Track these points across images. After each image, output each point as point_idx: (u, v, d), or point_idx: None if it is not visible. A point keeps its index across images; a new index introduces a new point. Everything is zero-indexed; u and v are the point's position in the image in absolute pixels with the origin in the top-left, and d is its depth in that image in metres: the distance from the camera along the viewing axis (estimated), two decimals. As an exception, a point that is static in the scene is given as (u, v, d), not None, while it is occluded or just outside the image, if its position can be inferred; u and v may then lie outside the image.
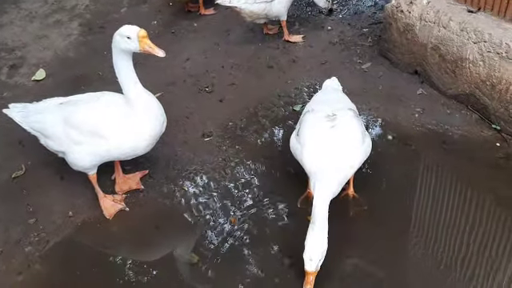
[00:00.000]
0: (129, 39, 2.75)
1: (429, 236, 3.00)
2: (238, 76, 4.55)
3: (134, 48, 2.77)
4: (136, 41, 2.74)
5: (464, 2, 3.75)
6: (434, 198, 3.21)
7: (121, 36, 2.77)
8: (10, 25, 5.59)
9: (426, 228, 3.05)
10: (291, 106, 4.12)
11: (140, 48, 2.76)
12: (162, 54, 2.77)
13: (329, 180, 2.69)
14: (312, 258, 2.51)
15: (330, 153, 2.76)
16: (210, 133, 3.89)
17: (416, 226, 3.07)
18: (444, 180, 3.32)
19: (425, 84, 4.12)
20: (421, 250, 2.92)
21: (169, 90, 4.41)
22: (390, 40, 4.30)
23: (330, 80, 3.53)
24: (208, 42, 5.05)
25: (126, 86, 2.93)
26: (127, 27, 2.79)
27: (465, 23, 3.60)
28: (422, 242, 2.97)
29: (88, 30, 5.39)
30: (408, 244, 2.98)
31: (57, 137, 3.00)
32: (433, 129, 3.73)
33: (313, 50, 4.79)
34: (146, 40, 2.75)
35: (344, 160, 2.76)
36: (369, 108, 3.97)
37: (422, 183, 3.31)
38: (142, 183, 3.45)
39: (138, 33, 2.73)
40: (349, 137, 2.82)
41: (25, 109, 3.17)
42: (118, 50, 2.83)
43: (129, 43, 2.76)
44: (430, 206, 3.17)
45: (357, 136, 2.84)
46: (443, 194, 3.23)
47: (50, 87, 4.52)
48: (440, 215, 3.11)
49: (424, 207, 3.17)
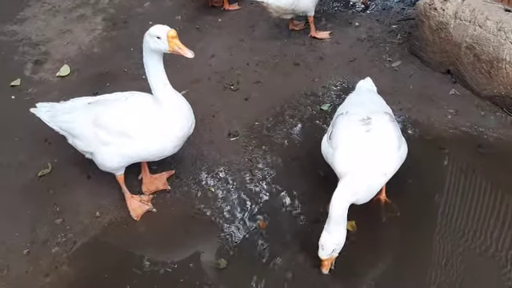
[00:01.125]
0: (159, 39, 2.70)
1: (463, 243, 2.91)
2: (263, 73, 4.47)
3: (164, 48, 2.72)
4: (166, 41, 2.69)
5: (501, 1, 3.61)
6: (469, 203, 3.11)
7: (151, 36, 2.72)
8: (34, 19, 5.58)
9: (461, 235, 2.95)
10: (318, 105, 4.03)
11: (169, 48, 2.71)
12: (190, 54, 2.72)
13: (356, 183, 2.61)
14: (324, 248, 2.59)
15: (363, 158, 2.67)
16: (235, 132, 3.83)
17: (450, 233, 2.97)
18: (479, 185, 3.21)
19: (458, 84, 3.99)
20: (455, 258, 2.82)
21: (194, 87, 4.35)
22: (421, 38, 4.17)
23: (364, 80, 3.43)
24: (233, 38, 4.97)
25: (155, 86, 2.88)
26: (157, 27, 2.73)
27: (502, 23, 3.46)
28: (456, 249, 2.88)
29: (112, 25, 5.35)
30: (442, 251, 2.89)
31: (85, 137, 2.97)
32: (467, 131, 3.61)
33: (340, 47, 4.68)
34: (175, 40, 2.70)
35: (377, 167, 2.67)
36: (400, 108, 3.85)
37: (457, 188, 3.21)
38: (169, 183, 3.41)
39: (168, 33, 2.68)
40: (384, 142, 2.72)
41: (52, 108, 3.14)
42: (148, 50, 2.78)
43: (159, 43, 2.71)
44: (465, 212, 3.07)
45: (393, 142, 2.74)
46: (478, 200, 3.13)
47: (74, 83, 4.49)
48: (475, 222, 3.01)
49: (458, 213, 3.07)
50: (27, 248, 3.04)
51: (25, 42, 5.13)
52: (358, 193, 2.62)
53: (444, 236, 2.96)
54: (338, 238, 2.58)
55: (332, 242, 2.57)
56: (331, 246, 2.58)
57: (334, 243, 2.58)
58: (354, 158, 2.70)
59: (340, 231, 2.58)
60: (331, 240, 2.57)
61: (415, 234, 2.97)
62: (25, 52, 4.99)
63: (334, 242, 2.58)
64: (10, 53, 4.97)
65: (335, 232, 2.57)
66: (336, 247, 2.61)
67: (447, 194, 3.18)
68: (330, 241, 2.57)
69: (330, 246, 2.58)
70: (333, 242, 2.58)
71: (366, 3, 5.12)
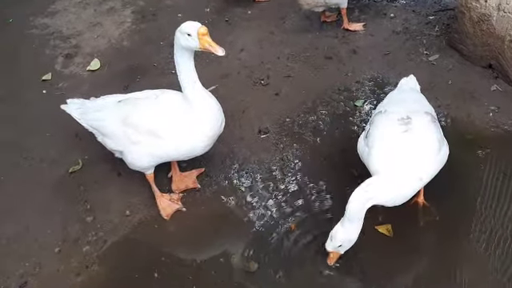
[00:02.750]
0: (189, 36, 2.62)
1: (505, 249, 2.76)
2: (294, 68, 4.35)
3: (194, 46, 2.65)
4: (196, 38, 2.61)
5: (551, -10, 3.39)
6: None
7: (181, 33, 2.65)
8: (64, 12, 5.58)
9: (503, 241, 2.81)
10: (352, 101, 3.90)
11: (200, 46, 2.63)
12: (221, 52, 2.63)
13: (377, 187, 2.50)
14: (332, 239, 2.56)
15: (398, 160, 2.55)
16: (266, 129, 3.75)
17: (491, 238, 2.83)
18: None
19: (500, 79, 3.80)
20: (496, 265, 2.69)
21: (223, 82, 4.28)
22: (461, 31, 3.98)
23: (407, 78, 3.27)
24: (263, 31, 4.86)
25: (185, 85, 2.82)
26: (188, 24, 2.66)
27: (552, 14, 3.25)
28: (498, 255, 2.74)
29: (141, 18, 5.30)
30: (482, 258, 2.76)
31: (115, 136, 2.94)
32: (509, 130, 3.44)
33: (374, 40, 4.51)
34: (206, 38, 2.62)
35: (412, 170, 2.54)
36: (438, 105, 3.69)
37: (499, 191, 3.05)
38: (199, 182, 3.36)
39: (199, 30, 2.60)
40: (423, 144, 2.59)
41: (83, 105, 3.12)
42: (179, 47, 2.72)
43: (189, 40, 2.63)
44: (508, 216, 2.91)
45: (433, 144, 2.60)
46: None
47: (105, 77, 4.48)
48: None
49: (500, 218, 2.91)
50: (59, 246, 3.05)
51: (56, 36, 5.14)
52: (377, 197, 2.51)
53: (485, 242, 2.82)
54: (348, 235, 2.55)
55: (342, 236, 2.54)
56: (339, 241, 2.55)
57: (343, 239, 2.55)
58: (388, 159, 2.58)
59: (352, 229, 2.53)
60: (341, 234, 2.54)
61: (454, 240, 2.85)
62: (56, 45, 5.00)
63: (344, 238, 2.54)
64: (42, 46, 4.98)
65: (348, 228, 2.53)
66: (344, 244, 2.57)
67: (489, 198, 3.03)
68: (340, 234, 2.54)
69: (338, 240, 2.55)
70: (342, 237, 2.54)
71: None
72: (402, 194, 2.56)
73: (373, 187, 2.46)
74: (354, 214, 2.46)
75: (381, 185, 2.48)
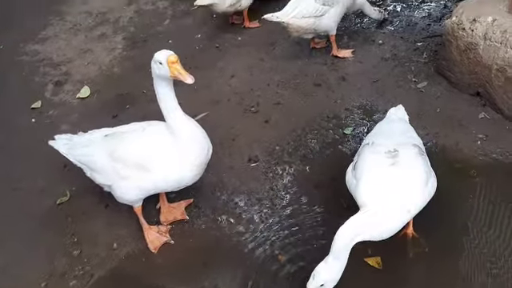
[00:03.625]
0: (161, 65, 2.62)
1: (496, 280, 2.75)
2: (284, 95, 4.37)
3: (166, 74, 2.63)
4: (166, 66, 2.60)
5: (535, 21, 3.44)
6: (503, 238, 2.94)
7: (154, 62, 2.65)
8: (55, 38, 5.61)
9: (493, 272, 2.79)
10: (341, 128, 3.91)
11: (171, 74, 2.62)
12: (190, 80, 2.61)
13: (365, 222, 2.48)
14: (315, 278, 2.45)
15: (385, 193, 2.54)
16: (256, 157, 3.74)
17: (481, 269, 2.81)
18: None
19: (487, 107, 3.82)
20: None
21: (214, 109, 4.28)
22: (448, 58, 4.02)
23: (396, 108, 3.28)
24: (253, 57, 4.89)
25: (166, 113, 2.81)
26: (159, 53, 2.66)
27: (537, 45, 3.29)
28: (488, 286, 2.72)
29: (132, 44, 5.33)
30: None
31: (103, 170, 2.93)
32: (498, 158, 3.44)
33: (363, 66, 4.55)
34: (175, 65, 2.60)
35: (400, 203, 2.54)
36: (426, 133, 3.71)
37: (489, 222, 3.04)
38: (187, 213, 3.34)
39: (168, 58, 2.59)
40: (410, 177, 2.58)
41: (70, 141, 3.10)
42: (155, 76, 2.72)
43: (160, 69, 2.63)
44: (499, 247, 2.90)
45: (420, 177, 2.60)
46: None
47: (94, 105, 4.48)
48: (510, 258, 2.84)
49: (492, 249, 2.90)
50: (45, 281, 3.01)
51: (46, 63, 5.15)
52: (365, 233, 2.49)
53: (475, 273, 2.80)
54: (332, 274, 2.44)
55: (325, 274, 2.43)
56: (322, 279, 2.43)
57: (327, 278, 2.43)
58: (375, 192, 2.57)
59: (337, 267, 2.44)
60: (325, 273, 2.43)
61: (444, 272, 2.82)
62: (46, 73, 5.00)
63: (327, 277, 2.43)
64: (32, 73, 4.99)
65: (332, 266, 2.44)
66: (327, 283, 2.45)
67: (478, 228, 3.01)
68: (324, 273, 2.43)
69: (321, 279, 2.43)
70: (326, 276, 2.43)
71: (385, 17, 4.96)
72: (389, 228, 2.55)
73: (360, 223, 2.44)
74: (340, 250, 2.42)
75: (368, 221, 2.46)
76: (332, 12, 4.39)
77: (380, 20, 4.97)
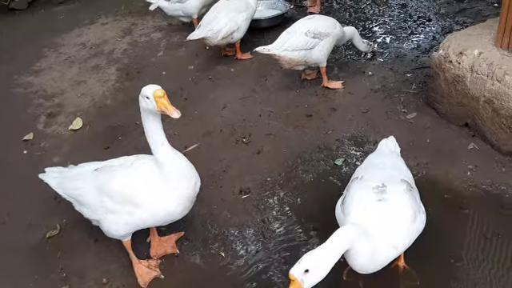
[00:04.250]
0: (148, 99, 2.63)
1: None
2: (275, 125, 4.40)
3: (153, 108, 2.64)
4: (153, 100, 2.61)
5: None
6: (495, 271, 2.93)
7: (142, 96, 2.67)
8: (49, 70, 5.67)
9: (486, 306, 2.77)
10: (332, 159, 3.92)
11: (157, 108, 2.63)
12: (176, 115, 2.62)
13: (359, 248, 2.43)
14: (301, 262, 2.30)
15: (374, 228, 2.52)
16: (247, 189, 3.74)
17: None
18: (505, 251, 3.03)
19: (476, 138, 3.86)
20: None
21: (205, 140, 4.31)
22: (437, 90, 4.08)
23: (387, 140, 3.27)
24: (245, 89, 4.94)
25: (153, 147, 2.82)
26: (146, 87, 2.68)
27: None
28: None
29: (125, 76, 5.39)
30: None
31: (91, 205, 2.92)
32: (488, 189, 3.46)
33: (353, 98, 4.60)
34: (162, 100, 2.61)
35: (386, 239, 2.52)
36: (417, 163, 3.73)
37: (481, 254, 3.03)
38: (178, 246, 3.30)
39: (155, 92, 2.61)
40: (397, 214, 2.57)
41: (60, 174, 3.10)
42: (142, 110, 2.74)
43: (148, 103, 2.65)
44: (491, 280, 2.88)
45: (406, 214, 2.58)
46: (504, 267, 2.94)
47: (86, 137, 4.49)
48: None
49: (483, 281, 2.88)
50: (32, 318, 2.96)
51: (39, 94, 5.19)
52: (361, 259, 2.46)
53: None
54: (319, 261, 2.31)
55: (313, 261, 2.30)
56: (309, 264, 2.29)
57: (313, 264, 2.29)
58: (361, 228, 2.55)
59: (325, 257, 2.33)
60: (313, 259, 2.30)
61: (436, 306, 2.80)
62: (39, 104, 5.03)
63: (314, 264, 2.29)
64: (25, 105, 5.02)
65: (322, 254, 2.33)
66: (312, 271, 2.28)
67: (470, 260, 3.00)
68: (312, 259, 2.30)
69: (308, 263, 2.29)
70: (313, 262, 2.29)
71: (374, 52, 5.06)
72: (375, 263, 2.52)
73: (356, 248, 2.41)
74: (336, 244, 2.36)
75: (361, 247, 2.43)
76: (322, 45, 4.47)
77: (367, 52, 5.04)
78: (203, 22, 5.05)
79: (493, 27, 3.81)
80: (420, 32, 5.41)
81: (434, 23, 5.52)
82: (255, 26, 5.67)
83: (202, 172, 3.24)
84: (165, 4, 5.67)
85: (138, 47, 5.92)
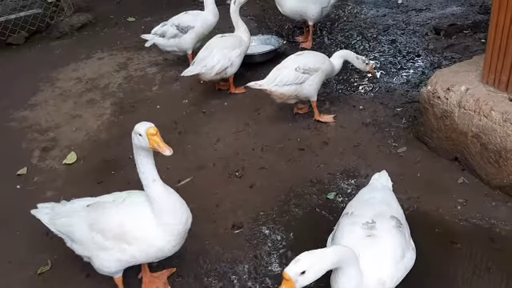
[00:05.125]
0: (140, 136, 2.67)
1: None
2: (268, 159, 4.45)
3: (145, 145, 2.68)
4: (146, 138, 2.65)
5: (505, 90, 3.61)
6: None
7: (134, 133, 2.71)
8: (44, 104, 5.72)
9: None
10: (324, 193, 3.95)
11: (149, 146, 2.67)
12: (168, 152, 2.64)
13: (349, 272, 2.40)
14: (298, 261, 2.25)
15: (362, 263, 2.53)
16: (240, 224, 3.74)
17: None
18: (497, 286, 3.04)
19: (466, 172, 3.91)
20: None
21: (199, 174, 4.33)
22: (426, 124, 4.16)
23: (379, 174, 3.32)
24: (238, 122, 5.01)
25: (145, 183, 2.84)
26: (139, 125, 2.71)
27: (507, 113, 3.43)
28: None
29: (120, 110, 5.45)
30: None
31: (83, 241, 2.92)
32: (478, 223, 3.49)
33: (345, 131, 4.67)
34: (154, 138, 2.64)
35: (374, 276, 2.52)
36: (408, 197, 3.76)
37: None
38: (170, 282, 3.29)
39: (147, 130, 2.65)
40: (385, 251, 2.59)
41: (52, 210, 3.11)
42: (135, 147, 2.77)
43: (140, 140, 2.68)
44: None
45: (394, 251, 2.60)
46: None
47: (80, 172, 4.50)
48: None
49: (474, 318, 2.89)
50: None
51: (34, 129, 5.22)
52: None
53: None
54: (317, 263, 2.26)
55: (311, 261, 2.25)
56: (306, 265, 2.23)
57: (310, 265, 2.24)
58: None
59: (324, 261, 2.29)
60: (311, 259, 2.25)
61: None
62: (33, 139, 5.06)
63: (311, 262, 2.25)
64: (19, 140, 5.04)
65: (321, 257, 2.29)
66: (309, 271, 2.24)
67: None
68: (310, 259, 2.25)
69: (305, 263, 2.23)
70: (310, 263, 2.25)
71: (373, 74, 5.08)
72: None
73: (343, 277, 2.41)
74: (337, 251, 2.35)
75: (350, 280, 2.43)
76: (312, 79, 4.57)
77: (366, 71, 4.97)
78: (197, 59, 5.16)
79: (479, 64, 3.91)
80: (409, 67, 5.54)
81: (422, 58, 5.65)
82: (249, 61, 5.79)
83: (195, 206, 3.26)
84: (160, 40, 5.79)
85: (133, 81, 6.01)
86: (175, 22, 5.72)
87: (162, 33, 5.76)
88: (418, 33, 6.24)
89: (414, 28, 6.38)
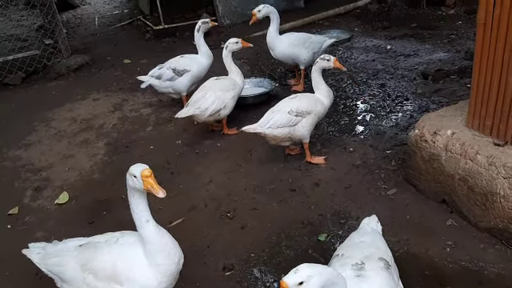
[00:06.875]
0: (135, 178, 2.73)
1: None
2: (260, 200, 4.48)
3: (139, 186, 2.74)
4: (140, 180, 2.71)
5: (490, 135, 3.72)
6: None
7: (129, 174, 2.76)
8: (38, 144, 5.77)
9: None
10: (316, 235, 3.98)
11: (144, 187, 2.72)
12: (161, 194, 2.71)
13: None
14: (297, 272, 2.27)
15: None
16: (231, 266, 3.75)
17: None
18: (485, 329, 3.05)
19: (454, 214, 3.97)
20: None
21: (190, 215, 4.36)
22: (414, 167, 4.24)
23: (369, 218, 3.39)
24: (231, 163, 5.07)
25: (138, 223, 2.88)
26: (134, 166, 2.77)
27: (493, 157, 3.53)
28: None
29: (114, 150, 5.50)
30: None
31: (74, 281, 2.92)
32: (467, 266, 3.52)
33: (336, 173, 4.74)
34: (149, 179, 2.70)
35: None
36: (398, 240, 3.80)
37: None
38: (160, 325, 3.25)
39: (142, 172, 2.70)
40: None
41: (44, 250, 3.12)
42: (129, 188, 2.82)
43: (135, 182, 2.74)
44: None
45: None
46: None
47: (72, 212, 4.51)
48: None
49: None
50: None
51: (27, 168, 5.25)
52: None
53: None
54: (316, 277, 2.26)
55: (311, 273, 2.26)
56: (305, 276, 2.24)
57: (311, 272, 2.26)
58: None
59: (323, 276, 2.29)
60: (312, 272, 2.26)
61: None
62: (26, 178, 5.08)
63: (311, 273, 2.26)
64: (12, 179, 5.06)
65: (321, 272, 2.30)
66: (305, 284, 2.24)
67: None
68: (311, 271, 2.26)
69: (304, 274, 2.24)
70: (310, 275, 2.25)
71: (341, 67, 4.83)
72: None
73: None
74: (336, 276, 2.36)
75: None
76: (304, 122, 4.68)
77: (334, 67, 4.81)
78: (191, 101, 5.27)
79: (464, 109, 4.04)
80: (398, 110, 5.68)
81: (411, 102, 5.81)
82: (242, 103, 5.91)
83: (186, 247, 3.27)
84: (156, 82, 5.93)
85: (127, 122, 6.09)
86: (172, 65, 5.88)
87: (158, 75, 5.91)
88: (406, 77, 6.43)
89: (402, 73, 6.58)
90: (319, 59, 4.79)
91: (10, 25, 9.90)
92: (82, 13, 11.85)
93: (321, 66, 4.78)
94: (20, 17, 10.55)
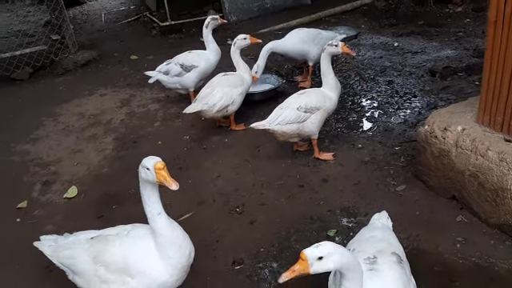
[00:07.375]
0: (148, 170, 2.73)
1: None
2: (268, 195, 4.48)
3: (152, 179, 2.75)
4: (153, 172, 2.72)
5: (500, 131, 3.71)
6: None
7: (142, 167, 2.77)
8: (47, 138, 5.79)
9: None
10: (325, 230, 3.98)
11: (157, 180, 2.73)
12: (175, 187, 2.72)
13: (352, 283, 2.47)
14: (319, 246, 2.36)
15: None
16: (240, 260, 3.75)
17: None
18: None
19: (464, 210, 3.96)
20: None
21: (199, 210, 4.36)
22: (424, 163, 4.23)
23: (379, 214, 3.39)
24: (239, 158, 5.07)
25: (150, 216, 2.89)
26: (147, 159, 2.78)
27: (504, 153, 3.52)
28: None
29: (122, 145, 5.51)
30: None
31: (85, 274, 2.93)
32: (477, 262, 3.51)
33: (344, 169, 4.73)
34: (162, 172, 2.72)
35: None
36: (407, 236, 3.79)
37: (472, 328, 3.04)
38: (170, 319, 3.26)
39: (155, 164, 2.71)
40: (386, 284, 2.61)
41: (55, 242, 3.13)
42: (142, 180, 2.82)
43: (147, 174, 2.75)
44: None
45: (396, 285, 2.63)
46: None
47: (81, 206, 4.52)
48: None
49: None
50: None
51: (36, 163, 5.26)
52: None
53: None
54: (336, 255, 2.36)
55: (332, 251, 2.35)
56: (326, 252, 2.33)
57: (332, 251, 2.35)
58: None
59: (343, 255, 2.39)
60: (333, 250, 2.35)
61: None
62: (35, 172, 5.10)
63: (333, 251, 2.35)
64: (21, 173, 5.08)
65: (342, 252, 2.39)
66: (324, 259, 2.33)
67: (463, 335, 3.00)
68: (332, 249, 2.35)
69: (325, 251, 2.33)
70: (331, 252, 2.34)
71: (350, 53, 4.89)
72: None
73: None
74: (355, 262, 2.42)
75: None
76: (313, 118, 4.67)
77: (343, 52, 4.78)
78: (199, 96, 5.27)
79: (474, 105, 4.03)
80: (406, 107, 5.66)
81: (419, 99, 5.79)
82: (249, 99, 5.91)
83: (196, 242, 3.26)
84: (163, 78, 5.93)
85: (135, 117, 6.10)
86: (180, 61, 5.88)
87: (166, 70, 5.91)
88: (414, 74, 6.42)
89: (410, 70, 6.56)
90: (327, 45, 4.72)
91: (17, 20, 9.93)
92: (89, 9, 11.87)
93: (329, 51, 4.73)
94: (27, 12, 10.58)
